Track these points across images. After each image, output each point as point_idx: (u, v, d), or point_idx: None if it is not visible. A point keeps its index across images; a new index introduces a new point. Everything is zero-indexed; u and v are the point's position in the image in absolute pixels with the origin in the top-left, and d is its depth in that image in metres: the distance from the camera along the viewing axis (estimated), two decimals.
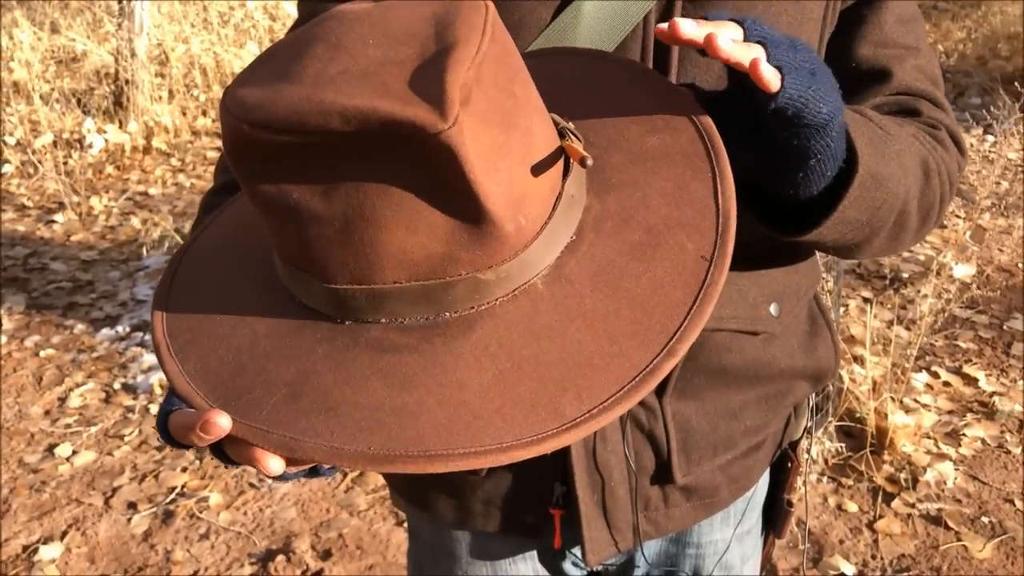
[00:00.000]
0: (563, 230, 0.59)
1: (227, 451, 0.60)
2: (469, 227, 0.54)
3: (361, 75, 0.52)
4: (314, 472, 0.66)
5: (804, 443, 0.99)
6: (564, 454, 0.83)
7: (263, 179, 0.55)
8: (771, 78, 0.57)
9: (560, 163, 0.59)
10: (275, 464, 0.56)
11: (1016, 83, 4.31)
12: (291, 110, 0.51)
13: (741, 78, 0.59)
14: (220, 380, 0.60)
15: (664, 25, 0.57)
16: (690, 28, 0.56)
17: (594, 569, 0.96)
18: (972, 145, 4.46)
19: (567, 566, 0.95)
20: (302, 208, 0.55)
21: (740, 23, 0.59)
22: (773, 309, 0.83)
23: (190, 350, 0.63)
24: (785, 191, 0.67)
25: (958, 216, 3.71)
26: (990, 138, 4.53)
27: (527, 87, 0.58)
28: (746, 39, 0.59)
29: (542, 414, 0.53)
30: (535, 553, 0.94)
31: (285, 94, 0.52)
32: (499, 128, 0.54)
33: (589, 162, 0.56)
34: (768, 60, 0.58)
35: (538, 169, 0.57)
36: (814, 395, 0.99)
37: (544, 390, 0.54)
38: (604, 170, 0.62)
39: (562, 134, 0.60)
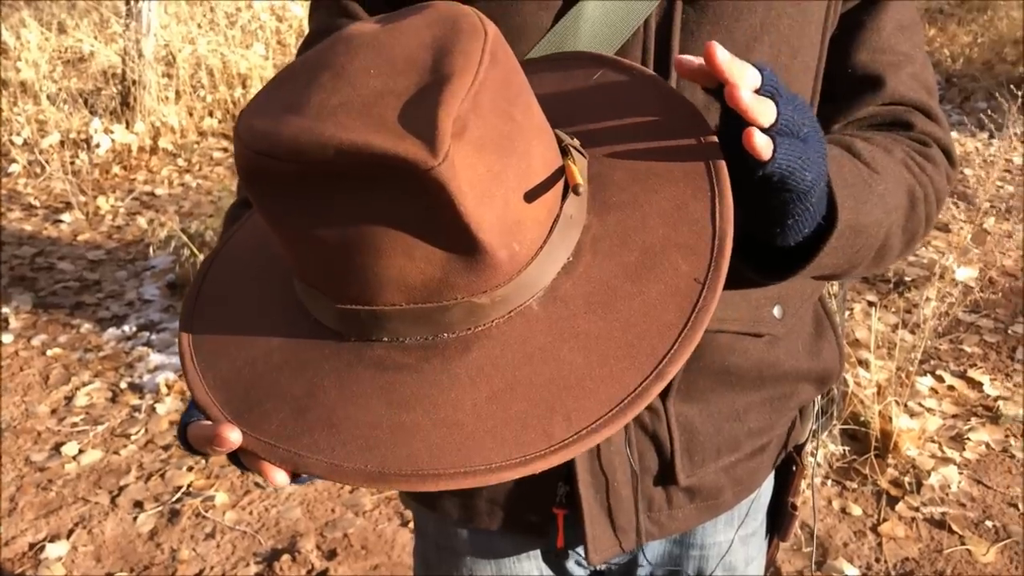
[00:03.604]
0: (560, 251, 0.60)
1: (240, 458, 0.63)
2: (463, 256, 0.56)
3: (360, 107, 0.53)
4: None
5: (809, 446, 1.00)
6: None
7: (271, 203, 0.57)
8: (764, 148, 0.57)
9: (560, 184, 0.60)
10: (281, 477, 0.59)
11: None
12: (292, 141, 0.53)
13: (734, 132, 0.58)
14: (235, 392, 0.63)
15: (686, 57, 0.58)
16: (724, 57, 0.55)
17: (597, 568, 0.96)
18: (977, 149, 4.46)
19: (571, 565, 0.96)
20: (306, 232, 0.57)
21: (760, 70, 0.58)
22: (776, 311, 0.83)
23: (212, 361, 0.65)
24: (761, 237, 0.67)
25: (960, 220, 3.70)
26: (995, 142, 4.52)
27: (528, 108, 0.59)
28: (760, 88, 0.57)
29: (531, 435, 0.55)
30: (539, 552, 0.95)
31: (290, 125, 0.54)
32: (496, 155, 0.55)
33: (582, 190, 0.57)
34: (777, 119, 0.57)
35: (535, 194, 0.58)
36: (819, 398, 0.99)
37: (535, 411, 0.56)
38: (607, 188, 0.62)
39: (565, 152, 0.61)
